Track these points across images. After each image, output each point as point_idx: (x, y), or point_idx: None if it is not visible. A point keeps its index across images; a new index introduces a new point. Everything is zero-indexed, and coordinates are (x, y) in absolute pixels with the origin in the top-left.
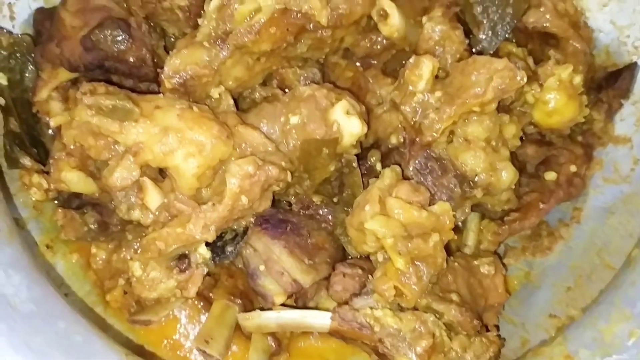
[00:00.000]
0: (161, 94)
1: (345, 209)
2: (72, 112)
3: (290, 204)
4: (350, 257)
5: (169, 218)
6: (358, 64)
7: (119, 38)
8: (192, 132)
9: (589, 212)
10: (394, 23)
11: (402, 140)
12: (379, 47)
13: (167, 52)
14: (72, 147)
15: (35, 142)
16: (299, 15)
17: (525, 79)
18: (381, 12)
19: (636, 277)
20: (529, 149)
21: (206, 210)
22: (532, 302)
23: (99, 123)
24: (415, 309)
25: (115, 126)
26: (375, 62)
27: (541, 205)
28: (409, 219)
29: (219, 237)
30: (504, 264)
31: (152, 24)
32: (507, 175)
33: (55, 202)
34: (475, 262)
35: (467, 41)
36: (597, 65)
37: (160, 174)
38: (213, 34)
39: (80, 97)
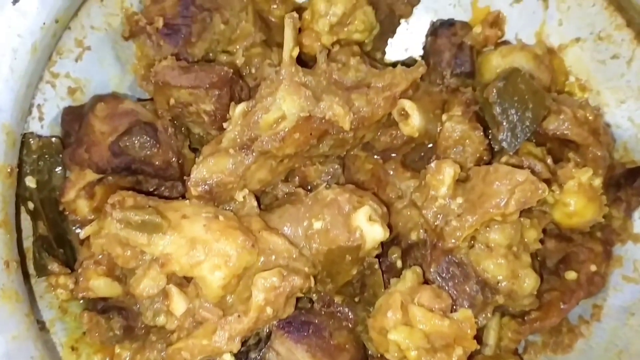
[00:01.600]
0: (187, 200)
1: (366, 307)
2: (100, 222)
3: (311, 301)
4: (371, 354)
5: (194, 324)
6: (378, 156)
7: (147, 144)
8: (218, 244)
9: (609, 311)
10: (414, 124)
11: (422, 237)
12: (399, 141)
13: (192, 150)
14: (99, 256)
15: (62, 241)
16: (322, 121)
17: (547, 192)
18: (402, 112)
19: None
20: (548, 244)
21: (231, 322)
22: None
23: (127, 236)
24: None
25: (143, 239)
26: (395, 154)
27: (562, 306)
28: (431, 329)
29: (243, 342)
30: None
31: (177, 124)
32: (529, 282)
33: (81, 301)
34: None
35: (486, 141)
36: (615, 160)
37: (185, 278)
38: (238, 140)
39: (110, 210)
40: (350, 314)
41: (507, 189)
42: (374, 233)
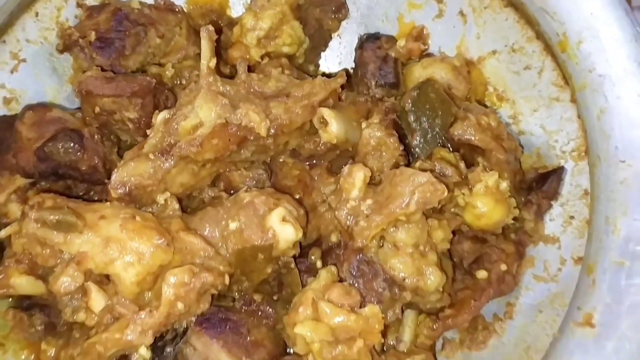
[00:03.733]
0: (108, 202)
1: (285, 305)
2: (20, 222)
3: (234, 299)
4: (290, 352)
5: (112, 320)
6: (306, 163)
7: (71, 149)
8: (132, 242)
9: (520, 309)
10: (332, 130)
11: (340, 239)
12: (323, 148)
13: (121, 157)
14: (21, 255)
15: None
16: (239, 127)
17: (446, 193)
18: (322, 120)
19: None
20: (465, 245)
21: (143, 317)
22: None
23: (44, 235)
24: None
25: (59, 237)
26: (321, 161)
27: (473, 303)
28: (337, 323)
29: (160, 336)
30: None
31: (106, 132)
32: (433, 279)
33: (10, 299)
34: None
35: (402, 147)
36: (528, 165)
37: (106, 277)
38: (159, 146)
39: (28, 210)
40: (271, 311)
41: (409, 190)
42: (286, 233)
